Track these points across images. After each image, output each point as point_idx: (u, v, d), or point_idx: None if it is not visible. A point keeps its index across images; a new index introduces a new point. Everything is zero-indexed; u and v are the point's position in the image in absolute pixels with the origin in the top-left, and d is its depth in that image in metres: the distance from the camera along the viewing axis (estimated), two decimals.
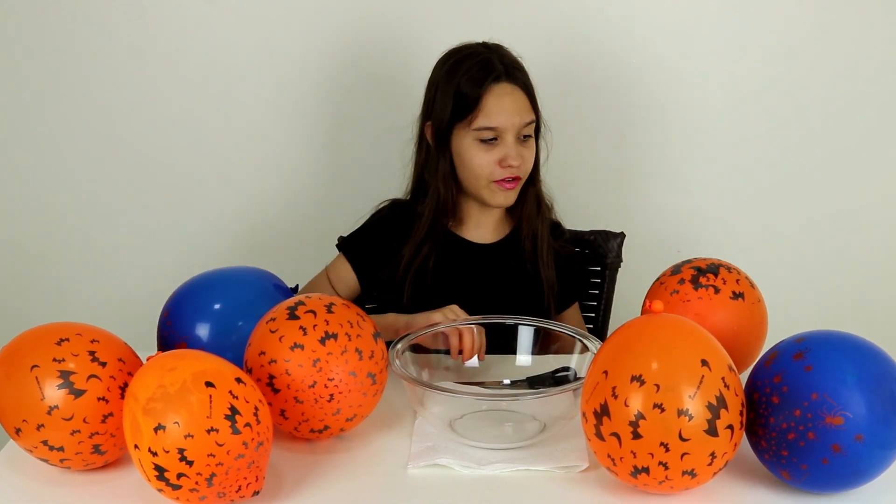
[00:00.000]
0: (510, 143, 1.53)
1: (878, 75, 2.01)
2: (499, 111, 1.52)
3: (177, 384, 1.01)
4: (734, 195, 2.08)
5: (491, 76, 1.53)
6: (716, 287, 1.29)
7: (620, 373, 1.03)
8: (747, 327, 1.30)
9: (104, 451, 1.12)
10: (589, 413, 1.06)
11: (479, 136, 1.53)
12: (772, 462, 1.08)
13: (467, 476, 1.15)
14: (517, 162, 1.53)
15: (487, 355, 1.38)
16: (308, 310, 1.18)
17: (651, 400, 1.00)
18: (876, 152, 2.06)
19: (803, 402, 1.02)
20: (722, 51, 1.99)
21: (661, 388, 1.00)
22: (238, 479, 1.02)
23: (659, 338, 1.05)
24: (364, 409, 1.21)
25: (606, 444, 1.04)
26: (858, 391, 1.01)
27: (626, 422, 1.01)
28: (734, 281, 1.30)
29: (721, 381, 1.02)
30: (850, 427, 1.00)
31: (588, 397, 1.06)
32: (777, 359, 1.08)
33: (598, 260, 1.81)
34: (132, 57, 1.98)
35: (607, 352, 1.07)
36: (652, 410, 1.00)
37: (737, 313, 1.29)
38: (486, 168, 1.54)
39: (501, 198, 1.57)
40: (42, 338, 1.12)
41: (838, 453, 1.01)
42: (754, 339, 1.32)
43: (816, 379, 1.02)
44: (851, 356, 1.04)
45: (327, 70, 1.99)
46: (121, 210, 2.09)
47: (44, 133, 2.04)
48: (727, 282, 1.30)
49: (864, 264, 2.12)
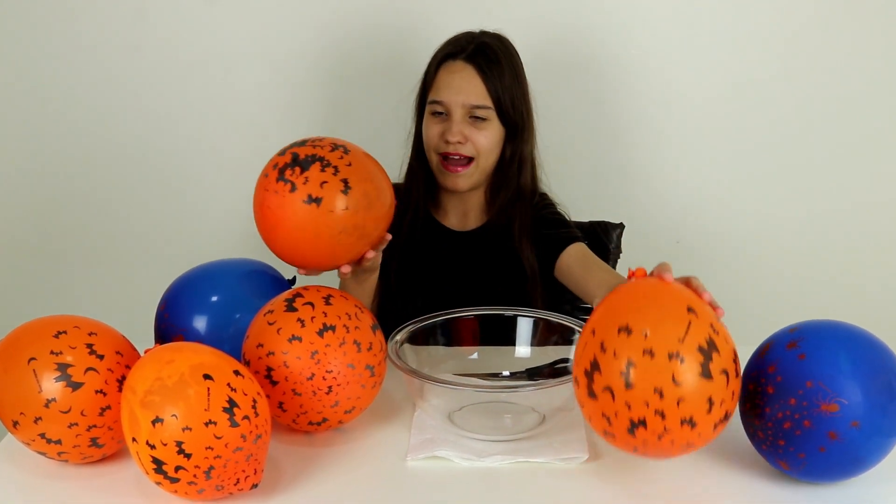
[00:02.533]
0: (455, 119, 1.57)
1: (877, 66, 2.00)
2: (445, 87, 1.57)
3: (175, 377, 1.00)
4: (733, 185, 2.08)
5: (449, 53, 1.59)
6: (294, 184, 1.19)
7: (607, 328, 1.00)
8: (312, 237, 1.20)
9: (102, 444, 1.12)
10: (580, 375, 1.02)
11: (431, 109, 1.60)
12: (770, 452, 1.08)
13: (466, 468, 1.15)
14: (455, 138, 1.56)
15: (486, 347, 1.37)
16: (306, 302, 1.18)
17: (640, 346, 0.97)
18: (875, 144, 2.06)
19: (798, 390, 1.02)
20: (722, 41, 1.99)
21: (650, 334, 0.97)
22: (236, 471, 1.02)
23: (643, 293, 1.03)
24: (362, 401, 1.21)
25: (599, 403, 1.00)
26: (853, 378, 1.01)
27: (618, 372, 0.97)
28: (318, 184, 1.19)
29: (710, 326, 0.99)
30: (846, 414, 1.00)
31: (578, 360, 1.03)
32: (771, 349, 1.08)
33: (598, 250, 1.80)
34: (129, 50, 1.98)
35: (595, 316, 1.04)
36: (642, 357, 0.96)
37: (306, 218, 1.19)
38: (432, 139, 1.59)
39: (449, 180, 1.61)
40: (39, 331, 1.12)
41: (835, 441, 1.01)
42: (320, 253, 1.23)
43: (810, 367, 1.02)
44: (845, 344, 1.04)
45: (326, 61, 1.99)
46: (118, 202, 2.09)
47: (41, 126, 2.04)
48: (310, 182, 1.19)
49: (863, 255, 2.12)
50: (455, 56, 1.58)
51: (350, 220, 1.21)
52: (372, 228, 1.25)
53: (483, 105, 1.56)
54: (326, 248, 1.23)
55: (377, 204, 1.24)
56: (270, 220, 1.22)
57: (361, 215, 1.22)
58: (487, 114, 1.57)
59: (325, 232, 1.20)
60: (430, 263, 1.66)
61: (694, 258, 2.05)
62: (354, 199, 1.21)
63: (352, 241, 1.24)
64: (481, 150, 1.58)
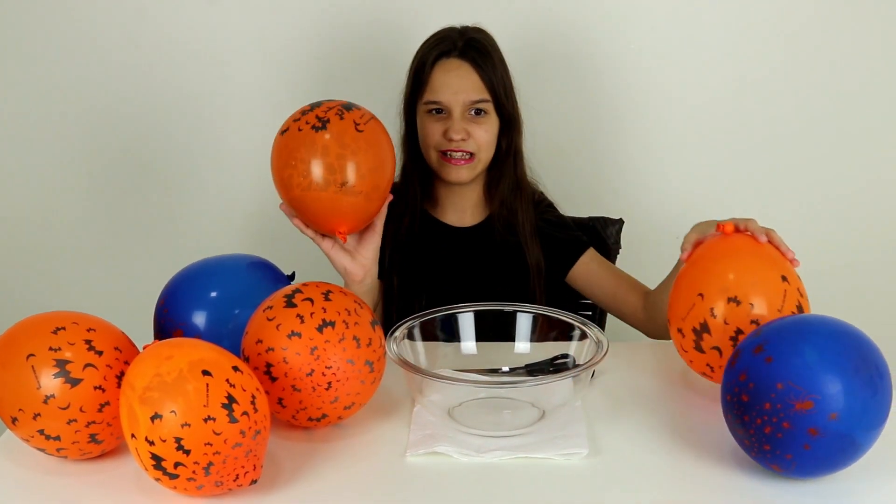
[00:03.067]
0: (455, 117, 1.56)
1: (878, 61, 2.00)
2: (443, 86, 1.56)
3: (173, 373, 1.00)
4: (732, 181, 2.08)
5: (442, 51, 1.57)
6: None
7: (715, 294, 1.21)
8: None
9: (101, 440, 1.12)
10: (687, 330, 1.24)
11: (427, 109, 1.58)
12: (760, 458, 1.07)
13: (466, 464, 1.14)
14: (458, 136, 1.55)
15: (486, 342, 1.37)
16: (305, 297, 1.18)
17: (748, 318, 1.19)
18: (876, 139, 2.06)
19: (770, 393, 1.02)
20: (722, 36, 1.99)
21: (755, 306, 1.19)
22: (236, 467, 1.02)
23: (742, 260, 1.23)
24: (362, 397, 1.20)
25: (707, 356, 1.23)
26: (821, 371, 1.00)
27: (727, 337, 1.20)
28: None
29: (797, 291, 1.21)
30: (822, 408, 1.00)
31: (685, 315, 1.24)
32: (740, 356, 1.08)
33: (597, 246, 1.80)
34: (126, 47, 1.98)
35: (697, 272, 1.25)
36: (749, 326, 1.18)
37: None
38: (433, 138, 1.58)
39: (452, 174, 1.60)
40: (38, 327, 1.11)
41: (817, 436, 1.00)
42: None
43: (778, 368, 1.02)
44: (808, 338, 1.04)
45: (325, 56, 1.99)
46: (117, 198, 2.08)
47: (39, 123, 2.04)
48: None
49: (863, 253, 2.12)
50: (448, 54, 1.57)
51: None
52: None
53: (482, 99, 1.56)
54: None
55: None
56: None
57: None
58: (486, 107, 1.57)
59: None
60: (431, 261, 1.66)
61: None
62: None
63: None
64: (482, 145, 1.58)
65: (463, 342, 1.37)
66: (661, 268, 1.53)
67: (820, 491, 1.07)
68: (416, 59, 1.62)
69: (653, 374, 1.40)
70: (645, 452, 1.17)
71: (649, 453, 1.17)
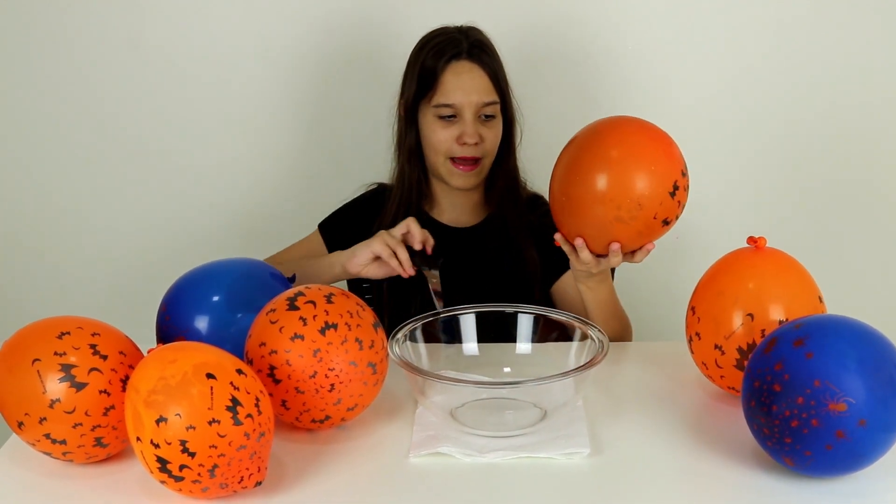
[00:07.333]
0: (468, 120, 1.55)
1: (876, 56, 2.00)
2: (455, 88, 1.54)
3: (178, 376, 1.01)
4: (732, 181, 2.08)
5: (451, 54, 1.55)
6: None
7: (766, 317, 1.22)
8: None
9: (106, 443, 1.13)
10: (730, 348, 1.24)
11: (438, 113, 1.56)
12: (775, 449, 1.08)
13: (469, 464, 1.15)
14: (473, 140, 1.55)
15: (486, 343, 1.38)
16: (308, 300, 1.18)
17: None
18: (875, 135, 2.06)
19: (806, 389, 1.02)
20: (720, 36, 1.99)
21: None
22: (240, 469, 1.03)
23: (789, 281, 1.26)
24: (365, 398, 1.21)
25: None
26: (860, 376, 1.01)
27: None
28: None
29: (817, 298, 1.27)
30: (854, 413, 1.00)
31: (729, 333, 1.23)
32: (777, 345, 1.07)
33: None
34: (125, 48, 1.98)
35: (741, 290, 1.24)
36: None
37: None
38: (444, 144, 1.56)
39: (460, 180, 1.59)
40: (43, 332, 1.12)
41: (842, 439, 1.01)
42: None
43: (818, 366, 1.02)
44: (851, 341, 1.04)
45: (323, 59, 1.99)
46: (118, 203, 2.08)
47: (40, 126, 2.04)
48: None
49: (863, 252, 2.12)
50: (458, 56, 1.56)
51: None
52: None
53: (492, 101, 1.56)
54: None
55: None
56: None
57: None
58: (495, 110, 1.57)
59: None
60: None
61: (694, 255, 2.05)
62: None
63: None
64: (490, 150, 1.59)
65: (465, 343, 1.38)
66: (657, 268, 1.52)
67: (820, 491, 1.08)
68: (417, 60, 1.60)
69: (653, 374, 1.41)
70: (646, 451, 1.18)
71: (651, 452, 1.17)
